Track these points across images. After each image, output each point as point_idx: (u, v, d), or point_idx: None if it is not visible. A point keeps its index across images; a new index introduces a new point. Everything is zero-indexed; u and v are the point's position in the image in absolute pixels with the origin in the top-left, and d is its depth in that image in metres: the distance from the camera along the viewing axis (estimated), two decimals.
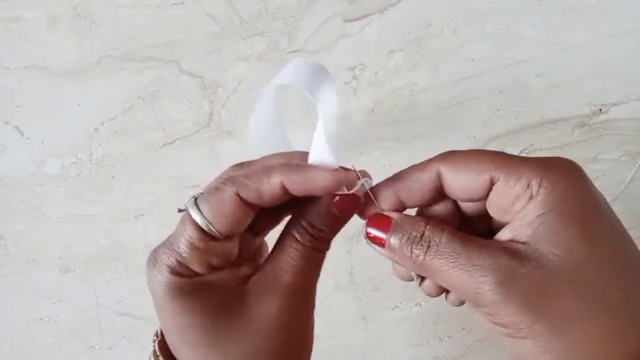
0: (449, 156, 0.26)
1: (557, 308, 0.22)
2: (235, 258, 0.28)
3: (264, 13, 0.42)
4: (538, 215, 0.23)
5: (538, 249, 0.23)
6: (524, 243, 0.24)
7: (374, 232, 0.27)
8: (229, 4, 0.42)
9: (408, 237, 0.26)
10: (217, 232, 0.25)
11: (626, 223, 0.25)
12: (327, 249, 0.29)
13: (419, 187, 0.27)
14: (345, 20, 0.43)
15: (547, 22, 0.44)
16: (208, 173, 0.46)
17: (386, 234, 0.27)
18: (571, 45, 0.45)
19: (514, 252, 0.23)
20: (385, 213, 0.27)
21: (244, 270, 0.28)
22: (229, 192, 0.25)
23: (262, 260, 0.30)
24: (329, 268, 0.49)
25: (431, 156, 0.27)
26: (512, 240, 0.24)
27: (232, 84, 0.44)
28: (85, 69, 0.43)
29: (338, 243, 0.49)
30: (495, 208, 0.25)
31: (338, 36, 0.43)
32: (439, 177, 0.26)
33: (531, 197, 0.23)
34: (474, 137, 0.47)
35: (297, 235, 0.28)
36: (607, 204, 0.25)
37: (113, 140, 0.45)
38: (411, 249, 0.26)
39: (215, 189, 0.26)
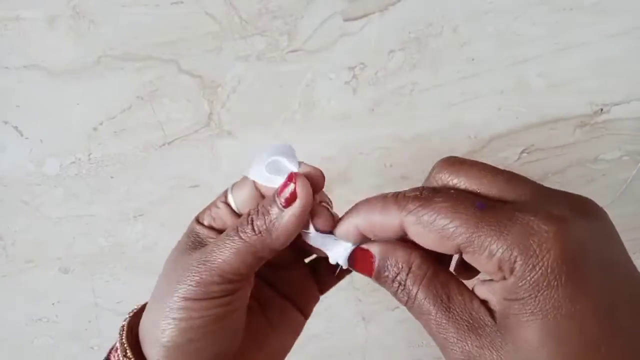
0: (416, 211, 0.22)
1: None
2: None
3: (263, 12, 0.42)
4: (505, 299, 0.21)
5: (502, 329, 0.21)
6: (494, 313, 0.22)
7: (359, 269, 0.27)
8: (228, 3, 0.42)
9: (391, 287, 0.25)
10: (231, 198, 0.30)
11: (627, 224, 0.25)
12: (268, 249, 0.26)
13: (383, 231, 0.24)
14: (346, 19, 0.43)
15: (547, 21, 0.44)
16: (207, 173, 0.46)
17: (370, 276, 0.26)
18: (572, 45, 0.45)
19: (477, 327, 0.22)
20: (366, 248, 0.26)
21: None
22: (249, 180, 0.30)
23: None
24: None
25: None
26: (485, 301, 0.23)
27: (231, 84, 0.44)
28: (84, 69, 0.43)
29: None
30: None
31: (338, 35, 0.43)
32: (403, 227, 0.23)
33: (504, 278, 0.21)
34: (475, 137, 0.46)
35: (238, 225, 0.26)
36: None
37: (112, 140, 0.45)
38: (395, 295, 0.25)
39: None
